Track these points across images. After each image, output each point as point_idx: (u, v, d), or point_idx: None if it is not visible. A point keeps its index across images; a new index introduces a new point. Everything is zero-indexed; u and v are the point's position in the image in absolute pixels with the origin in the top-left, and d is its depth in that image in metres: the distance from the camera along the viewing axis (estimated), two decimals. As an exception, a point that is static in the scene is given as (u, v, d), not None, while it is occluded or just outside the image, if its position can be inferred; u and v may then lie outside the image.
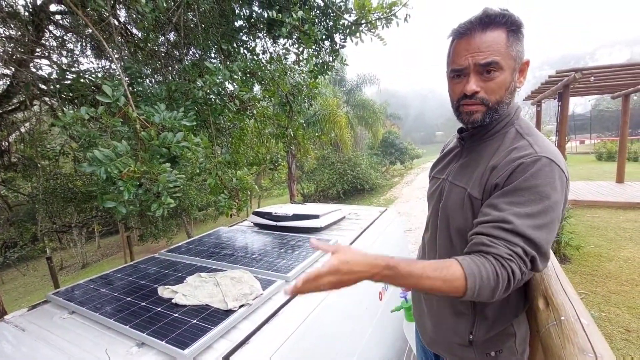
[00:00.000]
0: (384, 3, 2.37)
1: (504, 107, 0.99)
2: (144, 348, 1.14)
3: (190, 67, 2.07)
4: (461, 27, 0.96)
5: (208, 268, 1.71)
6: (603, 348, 0.58)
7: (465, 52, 0.94)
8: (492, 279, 0.80)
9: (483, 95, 0.96)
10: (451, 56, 1.01)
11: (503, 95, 0.97)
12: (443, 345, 1.21)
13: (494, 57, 0.91)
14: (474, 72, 0.95)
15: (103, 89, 1.15)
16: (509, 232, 0.84)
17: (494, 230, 0.86)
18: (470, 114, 1.00)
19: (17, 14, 2.49)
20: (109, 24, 1.73)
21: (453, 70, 0.99)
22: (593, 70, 6.42)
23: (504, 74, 0.94)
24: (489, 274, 0.80)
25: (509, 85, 0.96)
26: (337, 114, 12.84)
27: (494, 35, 0.92)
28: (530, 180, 0.87)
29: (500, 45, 0.92)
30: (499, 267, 0.81)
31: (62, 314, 1.44)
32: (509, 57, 0.93)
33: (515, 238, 0.83)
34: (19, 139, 3.98)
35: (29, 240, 6.17)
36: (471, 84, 0.95)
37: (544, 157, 0.89)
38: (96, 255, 14.26)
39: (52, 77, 2.25)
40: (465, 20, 0.97)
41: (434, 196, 1.21)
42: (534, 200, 0.86)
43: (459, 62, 0.96)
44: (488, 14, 0.92)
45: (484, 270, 0.80)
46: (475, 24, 0.93)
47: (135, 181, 1.16)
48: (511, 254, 0.82)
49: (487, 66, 0.92)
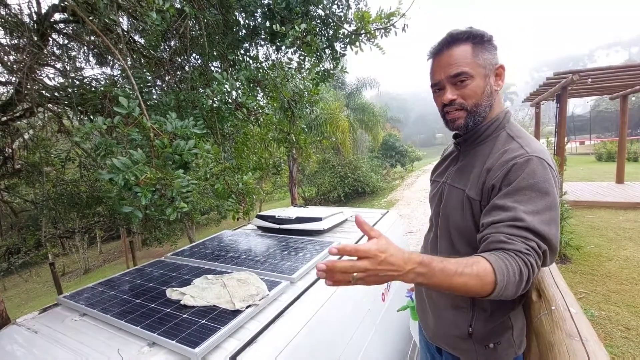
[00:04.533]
0: (383, 14, 2.44)
1: (485, 109, 1.10)
2: (155, 348, 1.18)
3: (197, 76, 2.12)
4: (433, 48, 1.12)
5: (214, 270, 1.74)
6: (589, 333, 0.63)
7: (438, 68, 1.10)
8: (517, 274, 0.83)
9: (461, 101, 1.08)
10: (430, 74, 1.15)
11: (480, 99, 1.08)
12: (444, 339, 1.26)
13: (461, 68, 1.04)
14: (448, 84, 1.08)
15: (119, 101, 1.20)
16: (522, 229, 0.89)
17: (508, 228, 0.90)
18: (454, 120, 1.12)
19: (23, 23, 2.54)
20: (117, 33, 1.78)
21: (433, 85, 1.13)
22: (591, 72, 6.48)
23: (475, 81, 1.06)
24: (514, 269, 0.83)
25: (483, 89, 1.07)
26: (338, 118, 12.90)
27: (459, 50, 1.05)
28: (528, 179, 0.94)
29: (466, 57, 1.05)
30: (521, 262, 0.84)
31: (73, 316, 1.48)
32: (476, 66, 1.05)
33: (529, 234, 0.88)
34: (23, 146, 4.02)
35: (32, 247, 6.19)
36: (447, 94, 1.08)
37: (534, 157, 0.97)
38: (98, 261, 14.27)
39: (64, 86, 2.30)
40: (436, 43, 1.11)
41: (435, 198, 1.29)
42: (536, 197, 0.92)
43: (435, 77, 1.11)
44: (451, 34, 1.08)
45: (509, 266, 0.83)
46: (443, 44, 1.09)
47: (151, 187, 1.21)
48: (529, 249, 0.86)
49: (458, 76, 1.05)
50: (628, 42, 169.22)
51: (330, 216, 2.44)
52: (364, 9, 2.62)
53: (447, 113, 1.12)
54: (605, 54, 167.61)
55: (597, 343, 0.65)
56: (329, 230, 2.40)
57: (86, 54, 3.30)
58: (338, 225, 2.51)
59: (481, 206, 1.05)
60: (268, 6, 2.50)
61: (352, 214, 2.85)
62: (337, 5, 2.73)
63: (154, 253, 11.88)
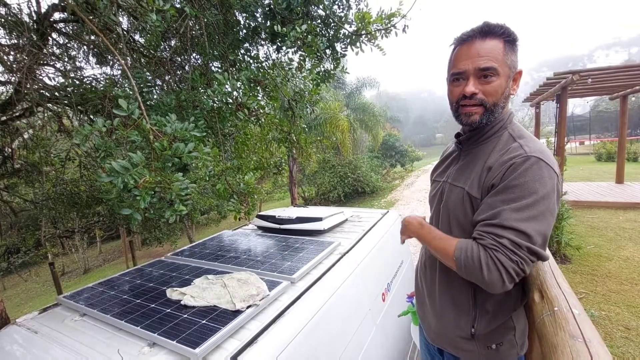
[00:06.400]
0: (383, 15, 2.43)
1: (499, 110, 1.08)
2: (156, 348, 1.18)
3: (198, 76, 2.12)
4: (463, 35, 1.06)
5: (214, 270, 1.74)
6: (592, 334, 0.63)
7: (466, 57, 1.04)
8: (475, 259, 0.94)
9: (481, 97, 1.04)
10: (452, 61, 1.09)
11: (499, 99, 1.05)
12: (447, 340, 1.26)
13: (492, 63, 1.00)
14: (474, 76, 1.03)
15: (119, 103, 1.20)
16: (497, 226, 0.94)
17: (485, 227, 0.97)
18: (469, 115, 1.08)
19: (22, 23, 2.53)
20: (117, 33, 1.78)
21: (454, 73, 1.08)
22: (590, 72, 6.48)
23: (499, 80, 1.02)
24: (473, 254, 0.95)
25: (504, 90, 1.05)
26: (338, 118, 12.89)
27: (493, 44, 1.01)
28: (519, 178, 0.95)
29: (497, 53, 1.01)
30: (484, 253, 0.93)
31: (73, 316, 1.47)
32: (504, 65, 1.02)
33: (503, 231, 0.92)
34: (23, 145, 4.02)
35: (32, 246, 6.19)
36: (470, 86, 1.03)
37: (532, 157, 0.97)
38: (98, 261, 14.26)
39: (64, 86, 2.29)
40: (467, 30, 1.06)
41: (436, 197, 1.29)
42: (522, 195, 0.94)
43: (460, 66, 1.05)
44: (488, 24, 1.02)
45: (469, 250, 0.97)
46: (476, 33, 1.03)
47: (150, 190, 1.20)
48: (495, 245, 0.92)
49: (486, 70, 1.01)
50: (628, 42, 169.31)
51: (330, 216, 2.44)
52: (365, 9, 2.62)
53: (462, 106, 1.08)
54: (604, 54, 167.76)
55: (601, 344, 0.65)
56: (329, 230, 2.40)
57: (86, 54, 3.30)
58: (338, 225, 2.51)
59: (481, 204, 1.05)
60: (269, 6, 2.50)
61: (352, 213, 2.85)
62: (338, 6, 2.73)
63: (153, 253, 11.87)
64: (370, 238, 2.25)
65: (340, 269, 1.76)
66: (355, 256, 1.94)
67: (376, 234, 2.34)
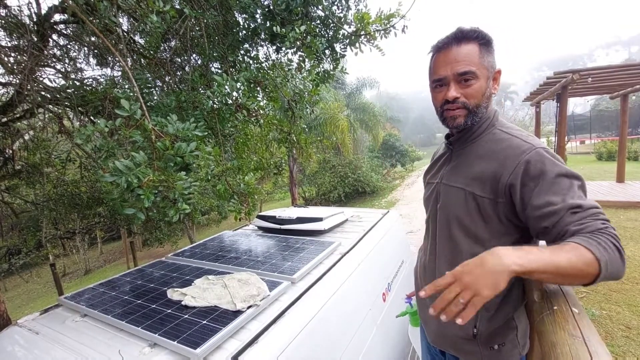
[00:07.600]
0: (382, 15, 2.44)
1: (483, 111, 1.10)
2: (157, 348, 1.18)
3: (198, 77, 2.13)
4: (439, 42, 1.10)
5: (215, 271, 1.74)
6: (591, 333, 0.63)
7: (445, 63, 1.07)
8: (614, 250, 0.80)
9: (464, 100, 1.07)
10: (432, 68, 1.13)
11: (480, 100, 1.08)
12: (448, 341, 1.25)
13: (469, 66, 1.04)
14: (454, 81, 1.07)
15: (121, 103, 1.21)
16: (585, 210, 0.89)
17: (572, 216, 0.88)
18: (454, 118, 1.10)
19: (23, 24, 2.54)
20: (117, 34, 1.78)
21: (435, 80, 1.11)
22: (591, 71, 6.47)
23: (479, 82, 1.06)
24: (608, 244, 0.80)
25: (484, 91, 1.08)
26: (338, 118, 12.90)
27: (468, 48, 1.05)
28: (551, 170, 0.96)
29: (474, 56, 1.05)
30: (609, 236, 0.82)
31: (74, 317, 1.48)
32: (482, 67, 1.06)
33: (593, 211, 0.88)
34: (23, 147, 4.03)
35: (33, 247, 6.20)
36: (452, 91, 1.07)
37: (539, 149, 1.00)
38: (99, 262, 14.28)
39: (65, 87, 2.30)
40: (442, 37, 1.10)
41: (431, 199, 1.30)
42: (570, 182, 0.94)
43: (440, 73, 1.09)
44: (462, 30, 1.07)
45: (603, 242, 0.80)
46: (451, 39, 1.07)
47: (154, 189, 1.21)
48: (604, 222, 0.86)
49: (464, 75, 1.05)
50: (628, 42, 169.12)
51: (330, 216, 2.44)
52: (364, 10, 2.63)
53: (446, 110, 1.11)
54: (605, 53, 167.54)
55: (600, 343, 0.65)
56: (330, 231, 2.40)
57: (86, 55, 3.31)
58: (339, 226, 2.51)
59: (497, 203, 1.04)
60: (268, 7, 2.50)
61: (353, 213, 2.86)
62: (337, 7, 2.73)
63: (154, 253, 11.88)
64: (371, 238, 2.25)
65: (341, 269, 1.77)
66: (355, 256, 1.94)
67: (377, 234, 2.34)
